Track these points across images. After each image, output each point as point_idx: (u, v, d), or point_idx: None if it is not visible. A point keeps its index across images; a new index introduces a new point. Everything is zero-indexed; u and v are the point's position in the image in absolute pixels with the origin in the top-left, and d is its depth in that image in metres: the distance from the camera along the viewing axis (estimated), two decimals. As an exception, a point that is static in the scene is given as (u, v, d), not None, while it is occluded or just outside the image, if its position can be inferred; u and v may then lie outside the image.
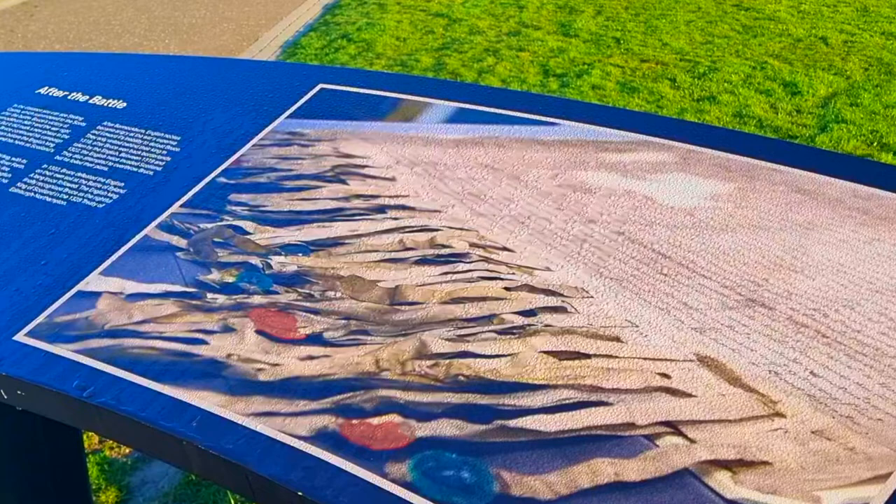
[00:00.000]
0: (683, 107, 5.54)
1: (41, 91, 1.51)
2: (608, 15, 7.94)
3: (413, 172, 1.18)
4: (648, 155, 1.15)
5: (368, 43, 7.19)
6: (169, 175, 1.26)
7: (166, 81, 1.50)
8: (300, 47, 7.32)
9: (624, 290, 1.00)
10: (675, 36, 7.20)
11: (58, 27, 8.19)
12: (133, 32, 8.01)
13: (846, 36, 7.17)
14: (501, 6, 8.38)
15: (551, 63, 6.48)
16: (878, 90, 5.85)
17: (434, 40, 7.25)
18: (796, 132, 5.12)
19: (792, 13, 7.94)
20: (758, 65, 6.42)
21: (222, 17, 8.65)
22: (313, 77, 1.42)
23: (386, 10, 8.41)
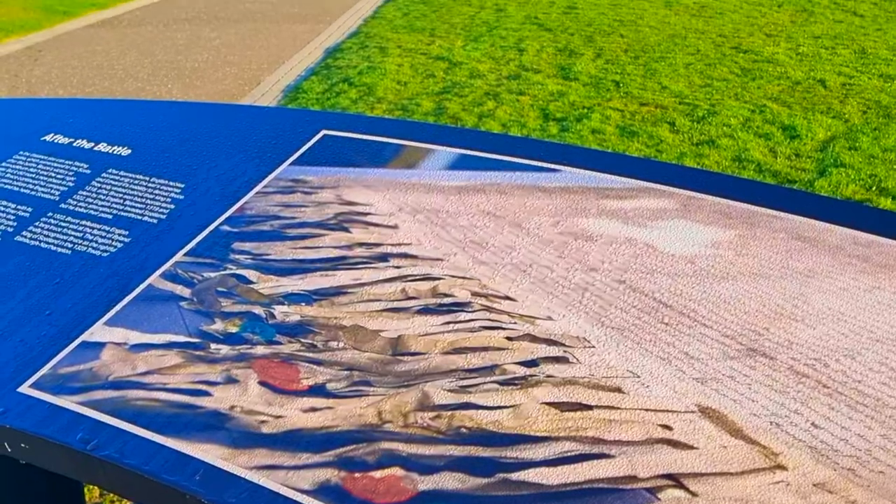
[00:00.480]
0: (683, 151, 5.57)
1: (46, 138, 1.52)
2: (608, 58, 8.01)
3: (415, 220, 1.19)
4: (649, 201, 1.16)
5: (369, 87, 7.24)
6: (173, 223, 1.27)
7: (171, 127, 1.52)
8: (302, 91, 7.37)
9: (625, 340, 1.00)
10: (675, 79, 7.26)
11: (61, 72, 8.25)
12: (136, 77, 8.07)
13: (844, 79, 7.23)
14: (501, 49, 8.46)
15: (551, 107, 6.52)
16: (876, 133, 5.88)
17: (435, 84, 7.30)
18: (795, 176, 5.14)
19: (790, 56, 8.02)
20: (756, 108, 6.46)
21: (224, 61, 8.73)
22: (316, 123, 1.43)
23: (387, 53, 8.48)
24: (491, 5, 11.01)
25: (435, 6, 11.14)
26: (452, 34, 9.30)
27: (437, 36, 9.23)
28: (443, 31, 9.50)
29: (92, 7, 11.81)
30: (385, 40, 9.13)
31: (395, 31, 9.59)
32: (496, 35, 9.14)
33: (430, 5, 11.24)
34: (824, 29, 9.26)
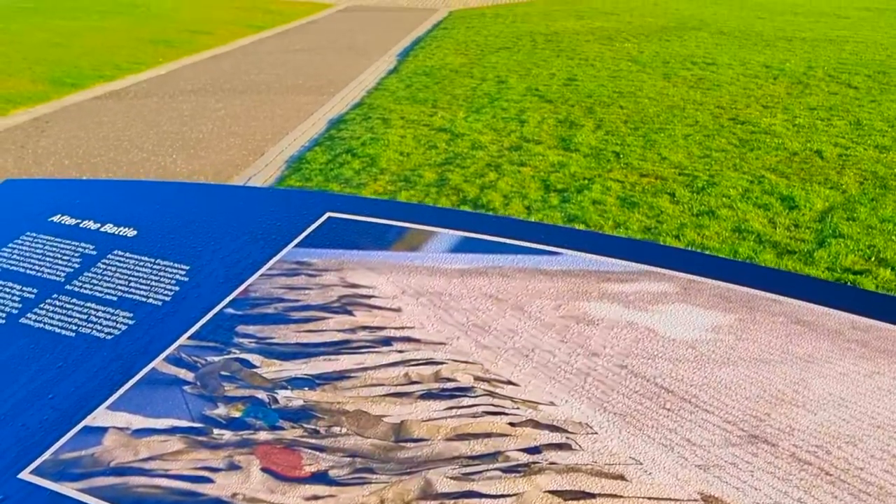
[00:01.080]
0: (683, 222, 5.60)
1: (53, 218, 1.54)
2: (608, 129, 8.09)
3: (418, 303, 1.20)
4: (650, 285, 1.17)
5: (372, 158, 7.30)
6: (177, 305, 1.28)
7: (176, 209, 1.53)
8: (305, 162, 7.43)
9: (628, 426, 1.00)
10: (674, 150, 7.32)
11: (67, 143, 8.34)
12: (141, 147, 8.15)
13: (840, 150, 7.30)
14: (503, 121, 8.55)
15: (552, 178, 6.57)
16: (874, 204, 5.92)
17: (437, 155, 7.37)
18: (795, 247, 5.16)
19: (787, 127, 8.10)
20: (755, 179, 6.51)
21: (229, 132, 8.82)
22: (321, 205, 1.45)
23: (390, 125, 8.57)
24: (492, 77, 11.15)
25: (437, 78, 11.29)
26: (454, 105, 9.40)
27: (439, 107, 9.34)
28: (445, 102, 9.61)
29: (99, 80, 11.97)
30: (388, 112, 9.24)
31: (397, 103, 9.71)
32: (497, 107, 9.25)
33: (433, 77, 11.39)
34: (819, 101, 9.37)
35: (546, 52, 13.34)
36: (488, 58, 12.99)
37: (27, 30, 16.81)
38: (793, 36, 15.35)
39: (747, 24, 17.29)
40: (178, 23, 19.09)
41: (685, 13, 19.78)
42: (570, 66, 11.93)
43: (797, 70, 11.40)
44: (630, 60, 12.29)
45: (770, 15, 19.77)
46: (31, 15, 19.55)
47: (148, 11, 21.21)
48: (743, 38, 14.94)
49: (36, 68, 12.45)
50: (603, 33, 15.79)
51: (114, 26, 17.96)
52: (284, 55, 14.77)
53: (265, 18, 21.09)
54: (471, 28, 17.55)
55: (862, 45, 14.11)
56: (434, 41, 15.63)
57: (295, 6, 24.92)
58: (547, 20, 18.57)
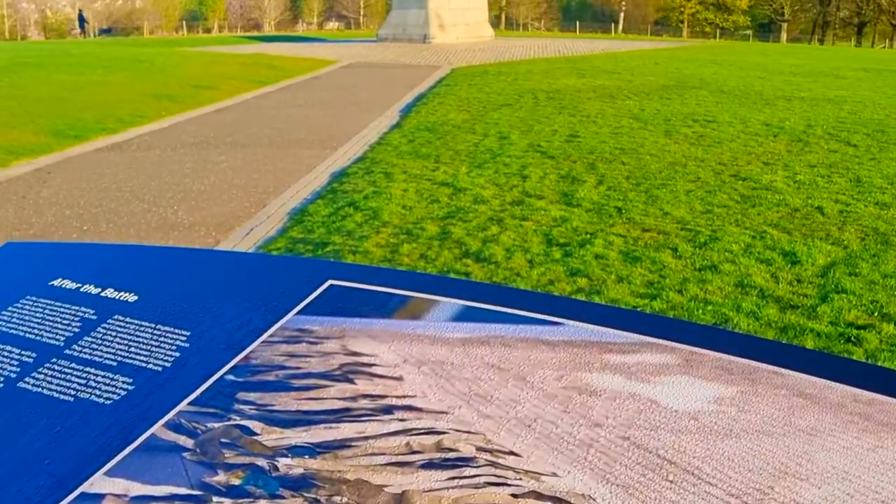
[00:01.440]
0: (685, 276, 5.61)
1: (54, 283, 1.54)
2: (610, 185, 8.14)
3: (420, 372, 1.19)
4: (651, 356, 1.17)
5: (375, 211, 7.34)
6: (178, 371, 1.28)
7: (178, 274, 1.54)
8: (307, 214, 7.47)
9: (630, 498, 0.99)
10: (676, 205, 7.36)
11: (69, 193, 8.39)
12: (142, 199, 8.20)
13: (841, 206, 7.33)
14: (505, 176, 8.60)
15: (554, 232, 6.60)
16: (875, 260, 5.93)
17: (439, 209, 7.40)
18: (798, 302, 5.17)
19: (788, 183, 8.15)
20: (757, 234, 6.54)
21: (231, 183, 8.87)
22: (322, 273, 1.45)
23: (392, 178, 8.63)
24: (494, 133, 11.25)
25: (440, 133, 11.38)
26: (457, 161, 9.47)
27: (441, 162, 9.40)
28: (447, 157, 9.68)
29: (102, 132, 12.09)
30: (390, 166, 9.30)
31: (400, 157, 9.78)
32: (500, 162, 9.31)
33: (435, 133, 11.48)
34: (820, 158, 9.44)
35: (548, 109, 13.47)
36: (490, 114, 13.11)
37: (32, 83, 17.00)
38: (792, 95, 15.51)
39: (747, 84, 17.48)
40: (182, 78, 19.31)
41: (685, 73, 20.01)
42: (571, 122, 12.04)
43: (797, 128, 11.50)
44: (632, 118, 12.41)
45: (769, 75, 19.99)
46: (36, 69, 19.78)
47: (152, 66, 21.46)
48: (743, 97, 15.09)
49: (39, 121, 12.58)
50: (604, 91, 15.95)
51: (118, 81, 18.17)
52: (287, 110, 14.92)
53: (268, 74, 21.34)
54: (473, 85, 17.73)
55: (860, 104, 14.25)
56: (437, 97, 15.78)
57: (298, 62, 25.22)
58: (549, 78, 18.77)
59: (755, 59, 27.54)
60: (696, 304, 5.11)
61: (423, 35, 34.19)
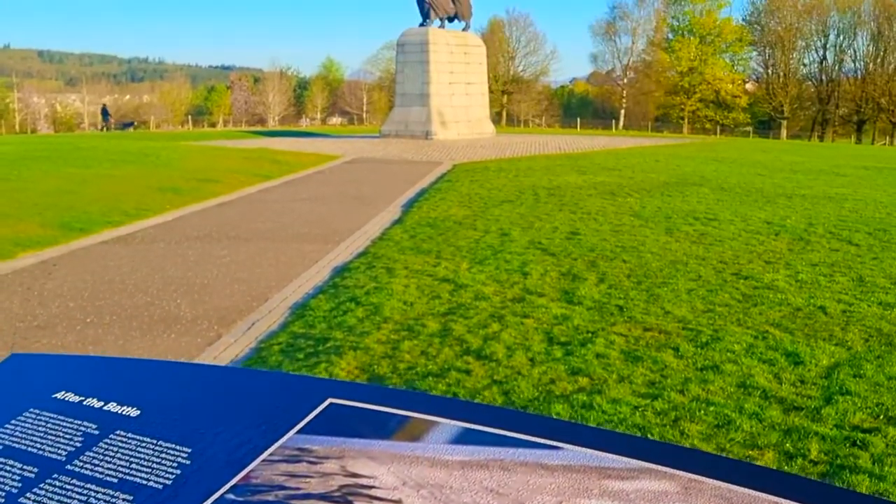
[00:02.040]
0: (687, 376, 5.59)
1: (57, 395, 1.55)
2: (611, 283, 8.16)
3: (419, 495, 1.19)
4: (650, 483, 1.17)
5: (376, 306, 7.35)
6: (178, 489, 1.27)
7: (180, 389, 1.54)
8: (309, 309, 7.49)
9: None
10: (677, 304, 7.37)
11: (73, 286, 8.42)
12: (146, 292, 8.22)
13: (844, 306, 7.34)
14: (506, 273, 8.63)
15: (555, 331, 6.60)
16: (880, 361, 5.92)
17: (440, 305, 7.42)
18: (801, 403, 5.13)
19: (790, 282, 8.17)
20: (759, 334, 6.53)
21: (234, 277, 8.91)
22: (322, 391, 1.46)
23: (394, 274, 8.66)
24: (495, 230, 11.33)
25: (441, 229, 11.47)
26: (458, 257, 9.52)
27: (443, 258, 9.45)
28: (448, 253, 9.74)
29: (108, 225, 12.19)
30: (392, 261, 9.35)
31: (402, 253, 9.84)
32: (501, 258, 9.36)
33: (437, 228, 11.57)
34: (821, 257, 9.48)
35: (549, 206, 13.59)
36: (492, 210, 13.23)
37: (40, 177, 17.21)
38: (793, 193, 15.66)
39: (748, 181, 17.67)
40: (187, 171, 19.54)
41: (686, 170, 20.23)
42: (572, 219, 12.14)
43: (798, 226, 11.57)
44: (633, 215, 12.51)
45: (770, 172, 20.22)
46: (44, 163, 20.04)
47: (157, 160, 21.75)
48: (744, 195, 15.23)
49: (46, 213, 12.69)
50: (605, 188, 16.12)
51: (124, 174, 18.39)
52: (290, 204, 15.06)
53: (272, 168, 21.60)
54: (474, 181, 17.92)
55: (861, 202, 14.37)
56: (438, 193, 15.94)
57: (301, 157, 25.55)
58: (549, 174, 18.98)
59: (756, 156, 27.89)
60: (698, 404, 5.08)
61: (425, 131, 34.69)
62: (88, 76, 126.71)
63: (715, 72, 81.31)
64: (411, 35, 36.49)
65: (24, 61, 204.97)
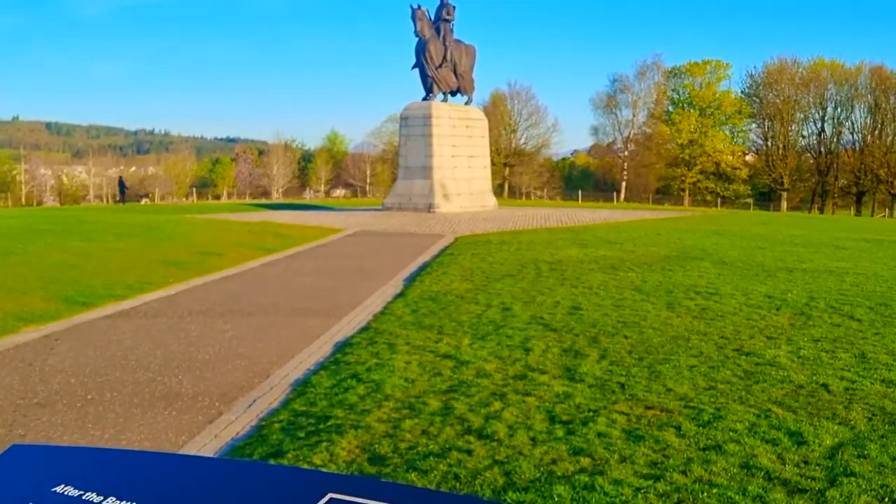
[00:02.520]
0: (689, 456, 5.54)
1: (57, 489, 1.55)
2: (612, 359, 8.14)
3: None
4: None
5: (377, 384, 7.33)
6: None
7: (180, 483, 1.55)
8: (310, 385, 7.47)
9: None
10: (679, 381, 7.34)
11: (75, 361, 8.41)
12: (148, 367, 8.21)
13: (847, 383, 7.30)
14: (508, 349, 8.62)
15: (557, 409, 6.56)
16: (884, 441, 5.87)
17: (442, 382, 7.39)
18: (805, 485, 5.08)
19: (792, 359, 8.14)
20: (762, 412, 6.49)
21: (236, 353, 8.89)
22: (322, 485, 1.46)
23: (395, 350, 8.65)
24: (497, 304, 11.33)
25: (443, 304, 11.48)
26: (460, 332, 9.51)
27: (444, 333, 9.44)
28: (450, 328, 9.73)
29: (111, 299, 12.21)
30: (394, 336, 9.34)
31: (403, 328, 9.83)
32: (503, 334, 9.35)
33: (439, 303, 11.58)
34: (823, 332, 9.46)
35: (550, 281, 13.61)
36: (493, 285, 13.25)
37: (44, 250, 17.30)
38: (793, 266, 15.69)
39: (748, 255, 17.72)
40: (190, 245, 19.64)
41: (687, 243, 20.31)
42: (574, 294, 12.15)
43: (799, 301, 11.57)
44: (634, 289, 12.53)
45: (770, 245, 20.28)
46: (49, 236, 20.16)
47: (162, 233, 21.87)
48: (744, 269, 15.27)
49: (50, 287, 12.73)
50: (606, 262, 16.16)
51: (128, 247, 18.48)
52: (293, 278, 15.10)
53: (275, 242, 21.70)
54: (476, 255, 17.99)
55: (862, 276, 14.39)
56: (440, 267, 15.99)
57: (305, 230, 25.69)
58: (551, 248, 19.05)
59: (756, 228, 28.02)
60: (701, 486, 5.03)
61: (427, 204, 34.91)
62: (95, 148, 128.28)
63: (715, 144, 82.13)
64: (414, 109, 36.96)
65: (33, 133, 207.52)
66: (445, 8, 37.81)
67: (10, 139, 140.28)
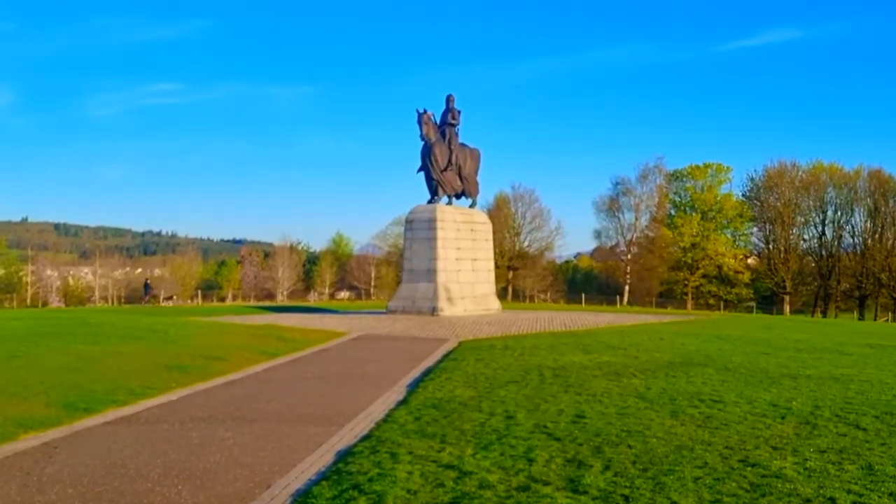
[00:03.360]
0: (696, 575, 5.46)
1: None
2: (617, 469, 8.07)
3: None
4: None
5: (379, 495, 7.27)
6: None
7: None
8: (311, 496, 7.42)
9: None
10: (684, 493, 7.26)
11: (73, 470, 8.35)
12: (147, 477, 8.15)
13: (854, 497, 7.23)
14: (511, 458, 8.55)
15: (561, 523, 6.49)
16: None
17: (444, 493, 7.33)
18: None
19: (798, 470, 8.07)
20: (770, 530, 6.41)
21: (237, 462, 8.83)
22: None
23: (398, 459, 8.58)
24: (500, 412, 11.26)
25: (446, 411, 11.41)
26: (463, 441, 9.44)
27: (447, 443, 9.37)
28: (453, 437, 9.66)
29: (112, 404, 12.16)
30: (396, 445, 9.27)
31: (406, 437, 9.76)
32: (506, 443, 9.28)
33: (442, 410, 11.51)
34: (829, 442, 9.37)
35: (554, 388, 13.54)
36: (497, 392, 13.18)
37: (47, 354, 17.29)
38: (797, 373, 15.61)
39: (752, 361, 17.65)
40: (194, 348, 19.62)
41: (691, 349, 20.25)
42: (577, 401, 12.08)
43: (804, 409, 11.49)
44: (637, 397, 12.46)
45: (774, 350, 20.21)
46: (52, 339, 20.16)
47: (165, 336, 21.86)
48: (748, 375, 15.19)
49: (52, 392, 12.69)
50: (610, 368, 16.10)
51: (131, 351, 18.46)
52: (296, 383, 15.04)
53: (279, 345, 21.66)
54: (480, 360, 17.93)
55: (867, 384, 14.30)
56: (444, 372, 15.93)
57: (308, 334, 25.66)
58: (555, 353, 18.98)
59: (759, 333, 27.95)
60: None
61: (431, 307, 34.90)
62: (102, 249, 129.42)
63: (717, 247, 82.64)
64: (420, 212, 37.30)
65: (41, 234, 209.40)
66: (451, 112, 38.42)
67: (18, 240, 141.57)
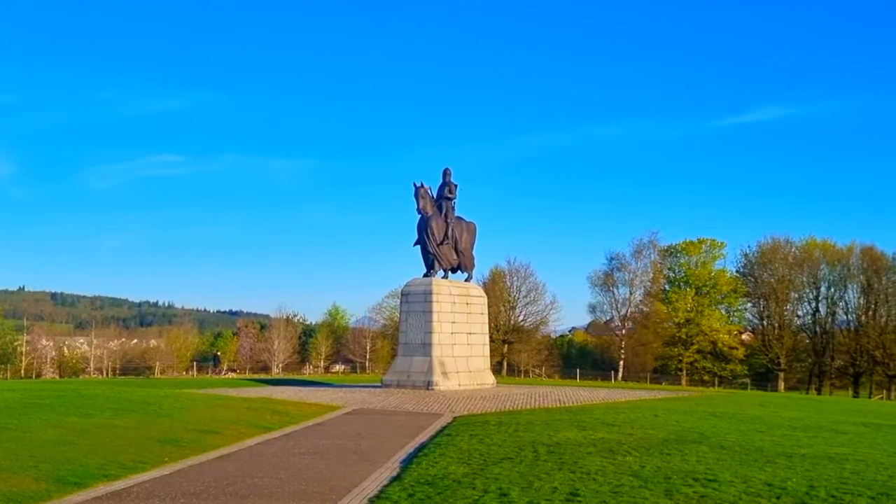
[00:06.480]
0: None
1: None
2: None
3: None
4: None
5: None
6: None
7: None
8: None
9: None
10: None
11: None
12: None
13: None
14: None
15: None
16: None
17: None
18: None
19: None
20: None
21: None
22: None
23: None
24: (494, 489, 11.19)
25: (439, 488, 11.36)
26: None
27: (441, 520, 9.33)
28: (447, 515, 9.61)
29: (103, 479, 12.08)
30: (388, 524, 9.22)
31: (399, 514, 9.70)
32: (499, 524, 9.22)
33: (435, 487, 11.46)
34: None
35: (548, 465, 13.48)
36: (491, 468, 13.11)
37: (39, 426, 17.20)
38: (792, 452, 15.54)
39: (747, 438, 17.57)
40: (187, 422, 19.53)
41: (685, 426, 20.15)
42: (572, 479, 12.01)
43: (799, 489, 11.43)
44: (632, 475, 12.39)
45: (768, 429, 20.12)
46: (45, 411, 20.05)
47: (160, 410, 21.76)
48: (743, 453, 15.12)
49: (42, 466, 12.61)
50: (605, 445, 16.02)
51: (124, 424, 18.37)
52: (289, 458, 14.96)
53: (273, 419, 21.56)
54: (474, 436, 17.85)
55: (862, 463, 14.23)
56: (438, 448, 15.86)
57: (303, 407, 25.55)
58: (549, 430, 18.89)
59: (754, 410, 27.83)
60: None
61: (426, 381, 34.77)
62: (98, 320, 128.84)
63: (711, 323, 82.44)
64: (416, 285, 37.39)
65: (38, 304, 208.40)
66: (447, 186, 38.76)
67: (14, 310, 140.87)
